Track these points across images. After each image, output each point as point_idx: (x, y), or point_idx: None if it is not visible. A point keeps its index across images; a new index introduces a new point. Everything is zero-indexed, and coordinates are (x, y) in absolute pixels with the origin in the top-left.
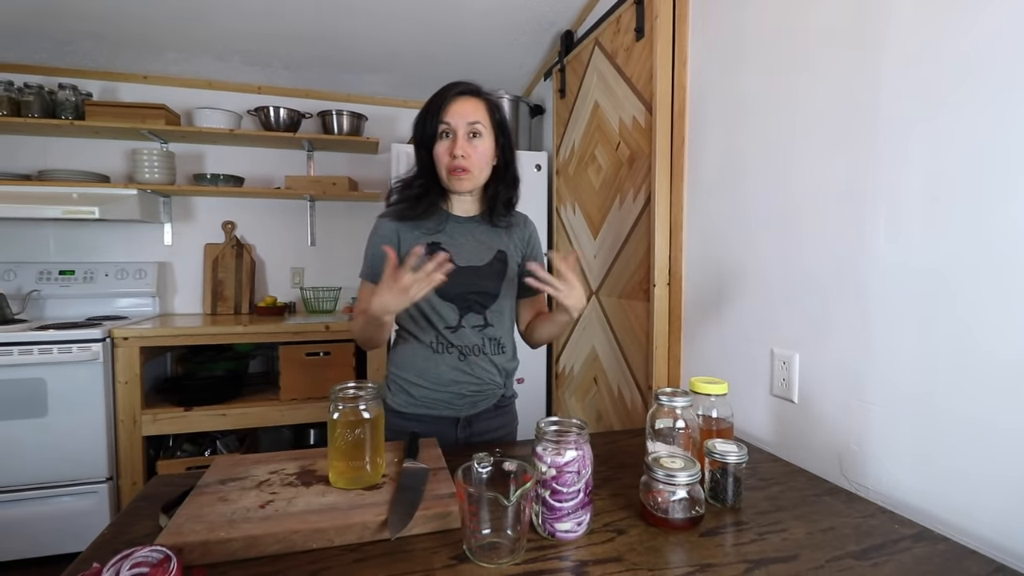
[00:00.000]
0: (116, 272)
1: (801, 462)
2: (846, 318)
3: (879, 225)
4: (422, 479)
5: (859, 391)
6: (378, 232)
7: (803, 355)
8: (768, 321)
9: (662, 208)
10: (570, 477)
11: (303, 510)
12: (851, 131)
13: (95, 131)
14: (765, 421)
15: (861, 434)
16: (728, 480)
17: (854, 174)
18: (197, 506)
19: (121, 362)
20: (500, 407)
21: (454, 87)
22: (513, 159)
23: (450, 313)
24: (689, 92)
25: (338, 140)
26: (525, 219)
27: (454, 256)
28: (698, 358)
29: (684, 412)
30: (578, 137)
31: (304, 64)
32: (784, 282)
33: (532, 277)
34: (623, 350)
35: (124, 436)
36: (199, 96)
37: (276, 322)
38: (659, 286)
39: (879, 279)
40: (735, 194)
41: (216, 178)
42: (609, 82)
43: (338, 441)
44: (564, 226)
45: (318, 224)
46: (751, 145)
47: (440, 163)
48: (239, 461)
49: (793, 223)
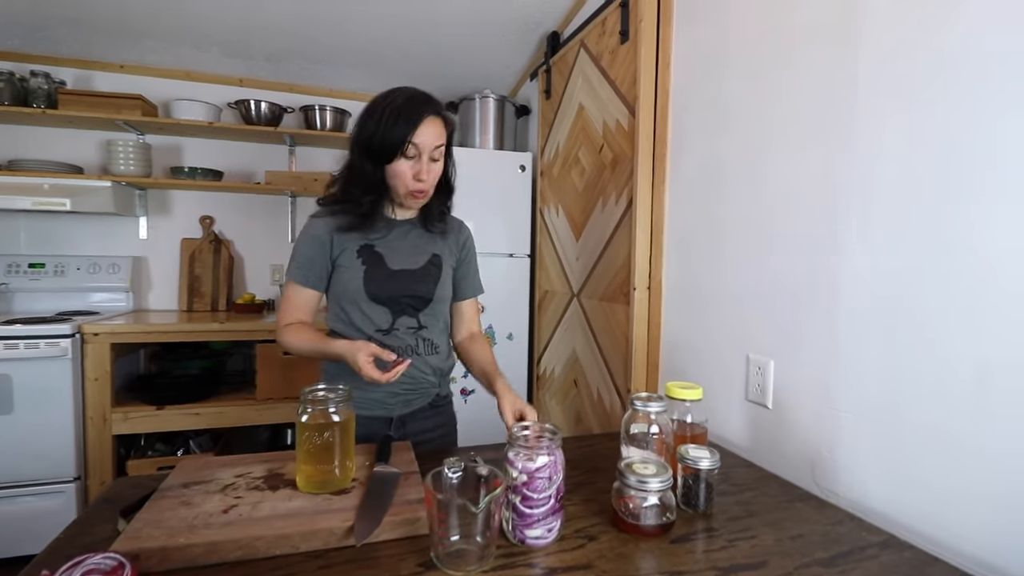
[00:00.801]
0: (88, 266)
1: (774, 468)
2: (817, 324)
3: (851, 225)
4: (392, 484)
5: (830, 398)
6: (311, 232)
7: (778, 361)
8: (744, 326)
9: (643, 211)
10: (541, 483)
11: (268, 515)
12: (826, 126)
13: (68, 120)
14: (740, 426)
15: (832, 441)
16: (700, 486)
17: (828, 170)
18: (158, 510)
19: (91, 359)
20: (436, 407)
21: (425, 106)
22: (453, 173)
23: (382, 316)
24: (672, 95)
25: (321, 136)
26: (460, 225)
27: (388, 258)
28: (676, 362)
29: (659, 417)
30: (563, 139)
31: (285, 57)
32: (758, 287)
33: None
34: (603, 353)
35: (93, 434)
36: (178, 87)
37: (254, 320)
38: (639, 290)
39: (849, 282)
40: (714, 198)
41: (194, 171)
42: (594, 84)
43: (306, 444)
44: (547, 228)
45: (299, 221)
46: (731, 148)
47: (400, 180)
48: (205, 463)
49: (767, 225)
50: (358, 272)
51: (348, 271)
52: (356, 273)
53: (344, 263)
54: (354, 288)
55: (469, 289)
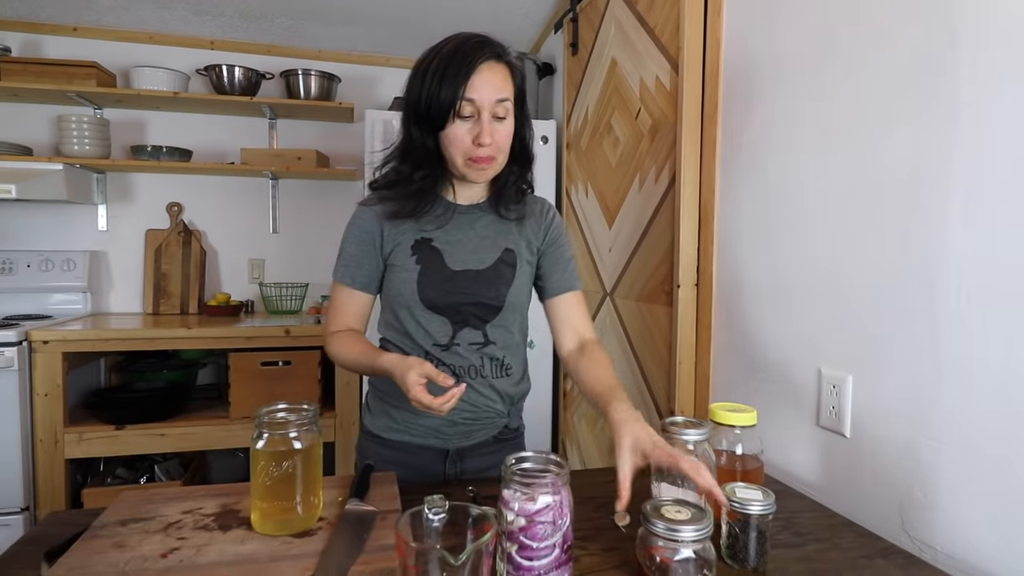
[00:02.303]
0: (40, 263)
1: (852, 512)
2: (910, 330)
3: (954, 207)
4: (367, 525)
5: (927, 424)
6: (357, 224)
7: (857, 377)
8: (814, 333)
9: (689, 191)
10: (543, 529)
11: (213, 561)
12: (922, 93)
13: (13, 93)
14: (809, 459)
15: (928, 480)
16: (750, 535)
17: (925, 138)
18: (86, 552)
19: (40, 370)
20: (502, 440)
21: (477, 51)
22: (531, 135)
23: (441, 328)
24: (724, 46)
25: (305, 106)
26: (543, 204)
27: (448, 256)
28: (731, 377)
29: (698, 447)
30: (592, 102)
31: (264, 14)
32: (836, 286)
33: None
34: (640, 365)
35: (43, 458)
36: (139, 51)
37: (228, 324)
38: (684, 287)
39: (954, 277)
40: (778, 176)
41: (159, 151)
42: (629, 34)
43: (261, 476)
44: (575, 211)
45: (281, 207)
46: (798, 114)
47: (456, 148)
48: (149, 497)
49: (844, 208)
50: (412, 274)
51: (401, 272)
52: (410, 275)
53: (396, 261)
54: (407, 293)
55: (563, 280)
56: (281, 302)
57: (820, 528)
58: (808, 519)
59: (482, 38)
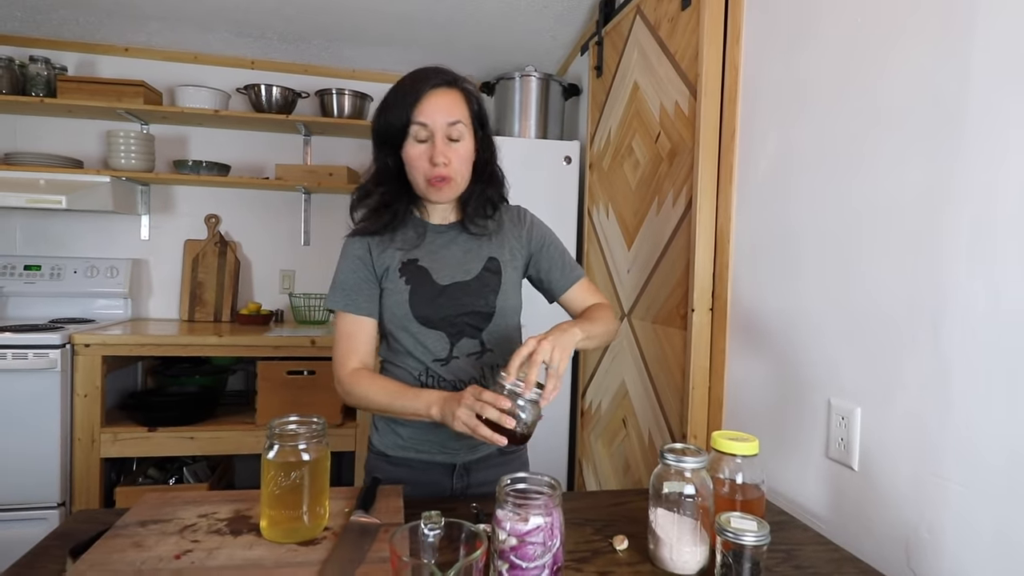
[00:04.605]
0: (85, 269)
1: (857, 547)
2: (918, 363)
3: (960, 249)
4: (370, 536)
5: (934, 461)
6: (350, 254)
7: (867, 409)
8: (824, 363)
9: (705, 215)
10: (533, 549)
11: (223, 564)
12: (932, 125)
13: (68, 110)
14: (816, 491)
15: (934, 518)
16: (744, 567)
17: (932, 173)
18: (106, 551)
19: (81, 372)
20: (507, 453)
21: (428, 77)
22: (493, 154)
23: (439, 343)
24: (743, 73)
25: (338, 124)
26: (519, 212)
27: (436, 272)
28: (745, 404)
29: (695, 475)
30: (615, 124)
31: (303, 36)
32: (846, 316)
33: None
34: (656, 388)
35: (80, 456)
36: (184, 71)
37: (257, 333)
38: (699, 312)
39: (960, 311)
40: (793, 204)
41: (199, 165)
42: (651, 59)
43: (271, 485)
44: (595, 231)
45: (313, 221)
46: (814, 143)
47: (415, 170)
48: (169, 500)
49: (854, 239)
50: (403, 294)
51: (392, 294)
52: (401, 296)
53: (387, 285)
54: (401, 313)
55: (566, 276)
56: (309, 312)
57: (823, 561)
58: (810, 552)
59: (435, 68)
